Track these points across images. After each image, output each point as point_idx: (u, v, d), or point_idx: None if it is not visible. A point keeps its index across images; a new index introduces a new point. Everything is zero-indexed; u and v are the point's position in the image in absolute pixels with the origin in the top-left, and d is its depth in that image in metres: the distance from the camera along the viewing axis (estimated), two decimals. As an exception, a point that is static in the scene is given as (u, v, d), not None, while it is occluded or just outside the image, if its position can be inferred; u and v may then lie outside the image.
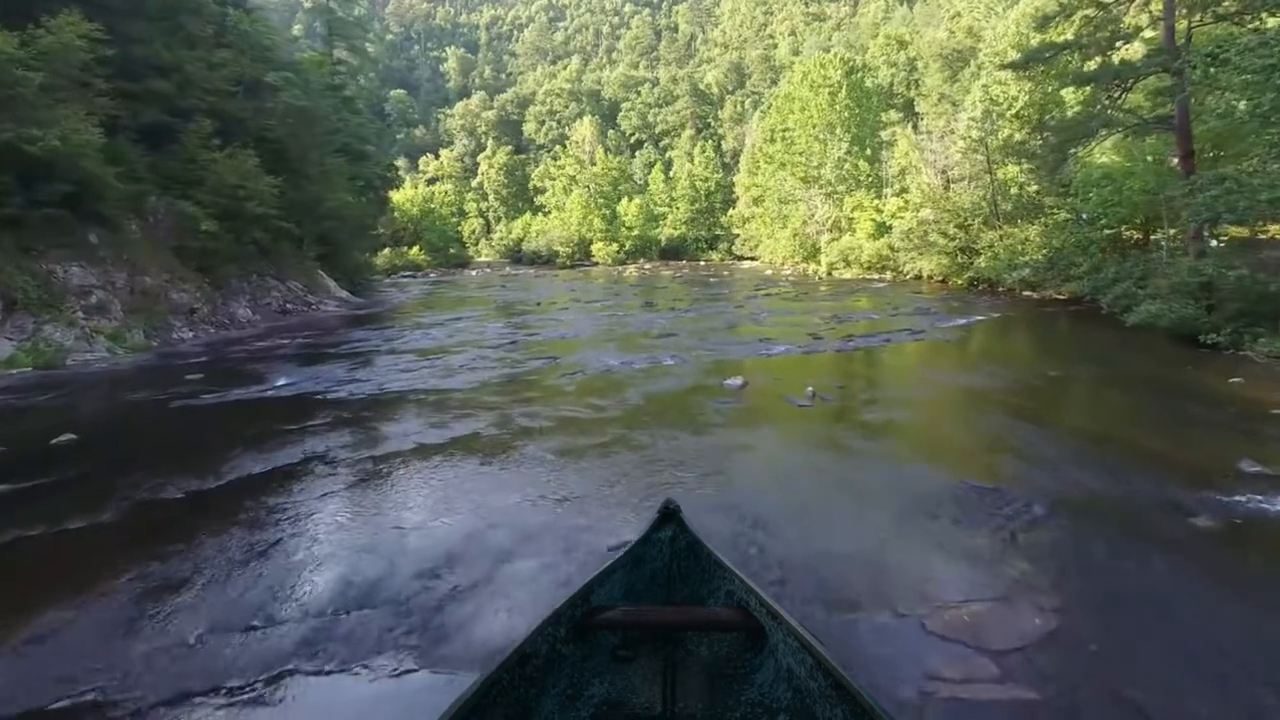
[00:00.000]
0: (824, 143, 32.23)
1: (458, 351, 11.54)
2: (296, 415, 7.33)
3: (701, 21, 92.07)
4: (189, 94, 16.04)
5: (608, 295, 23.60)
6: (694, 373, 9.23)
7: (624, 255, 49.41)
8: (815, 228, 32.80)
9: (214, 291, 15.25)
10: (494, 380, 8.99)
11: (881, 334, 12.31)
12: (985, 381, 8.46)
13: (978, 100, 20.61)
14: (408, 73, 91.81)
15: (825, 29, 74.85)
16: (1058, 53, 12.04)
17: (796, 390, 7.96)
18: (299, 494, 4.99)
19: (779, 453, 5.99)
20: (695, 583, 2.46)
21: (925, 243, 24.36)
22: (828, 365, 10.03)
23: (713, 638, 2.24)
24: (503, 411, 7.31)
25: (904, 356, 10.81)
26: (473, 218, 66.49)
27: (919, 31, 52.42)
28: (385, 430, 6.70)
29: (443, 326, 15.22)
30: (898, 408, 7.34)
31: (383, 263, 38.99)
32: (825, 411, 7.15)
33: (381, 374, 9.61)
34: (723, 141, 64.88)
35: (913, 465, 5.44)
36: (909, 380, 8.90)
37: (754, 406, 7.43)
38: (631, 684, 2.09)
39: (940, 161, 26.29)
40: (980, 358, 10.46)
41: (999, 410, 7.16)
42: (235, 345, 13.00)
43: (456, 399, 7.99)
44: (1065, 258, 16.58)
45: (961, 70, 34.22)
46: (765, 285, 25.81)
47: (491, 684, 1.69)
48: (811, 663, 1.76)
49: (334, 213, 19.93)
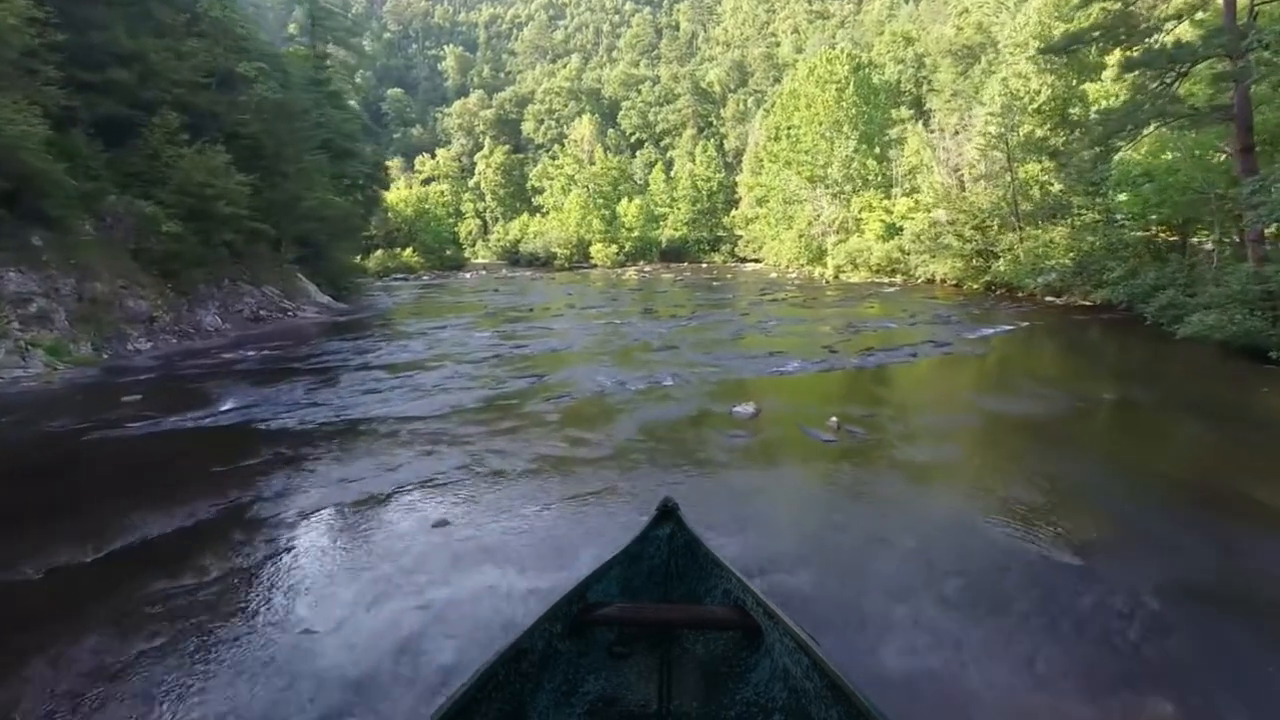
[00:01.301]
0: (831, 141, 31.08)
1: (435, 367, 10.40)
2: (228, 452, 6.19)
3: (703, 19, 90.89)
4: (153, 85, 14.91)
5: (605, 300, 22.45)
6: (698, 395, 8.08)
7: (623, 257, 48.17)
8: (821, 229, 31.66)
9: (178, 298, 14.12)
10: (469, 405, 7.85)
11: (903, 347, 11.17)
12: (1034, 408, 7.31)
13: (996, 94, 19.45)
14: (405, 71, 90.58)
15: (829, 27, 73.69)
16: (1102, 34, 10.86)
17: (817, 419, 6.82)
18: (192, 575, 3.84)
19: (802, 510, 4.86)
20: (692, 581, 2.43)
21: (938, 245, 23.27)
22: (849, 386, 8.88)
23: (709, 636, 2.21)
24: (472, 448, 6.17)
25: (933, 375, 9.66)
26: (470, 218, 65.27)
27: (925, 29, 51.32)
28: (326, 474, 5.56)
29: (425, 336, 14.08)
30: (939, 444, 6.19)
31: (375, 265, 37.89)
32: (854, 449, 6.00)
33: (344, 395, 8.48)
34: (725, 141, 63.62)
35: (972, 529, 4.30)
36: (945, 405, 7.75)
37: (769, 441, 6.29)
38: (627, 681, 2.07)
39: (953, 160, 25.18)
40: (1021, 376, 9.31)
41: (1059, 448, 6.02)
42: (195, 358, 11.87)
43: (422, 430, 6.85)
44: (1095, 262, 15.43)
45: (972, 67, 33.04)
46: (770, 289, 24.66)
47: (486, 679, 1.66)
48: (808, 663, 1.73)
49: (314, 213, 18.76)
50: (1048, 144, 19.35)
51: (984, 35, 38.52)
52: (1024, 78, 19.49)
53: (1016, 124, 18.70)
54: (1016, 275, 18.84)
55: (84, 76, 13.47)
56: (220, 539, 4.34)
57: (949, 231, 22.26)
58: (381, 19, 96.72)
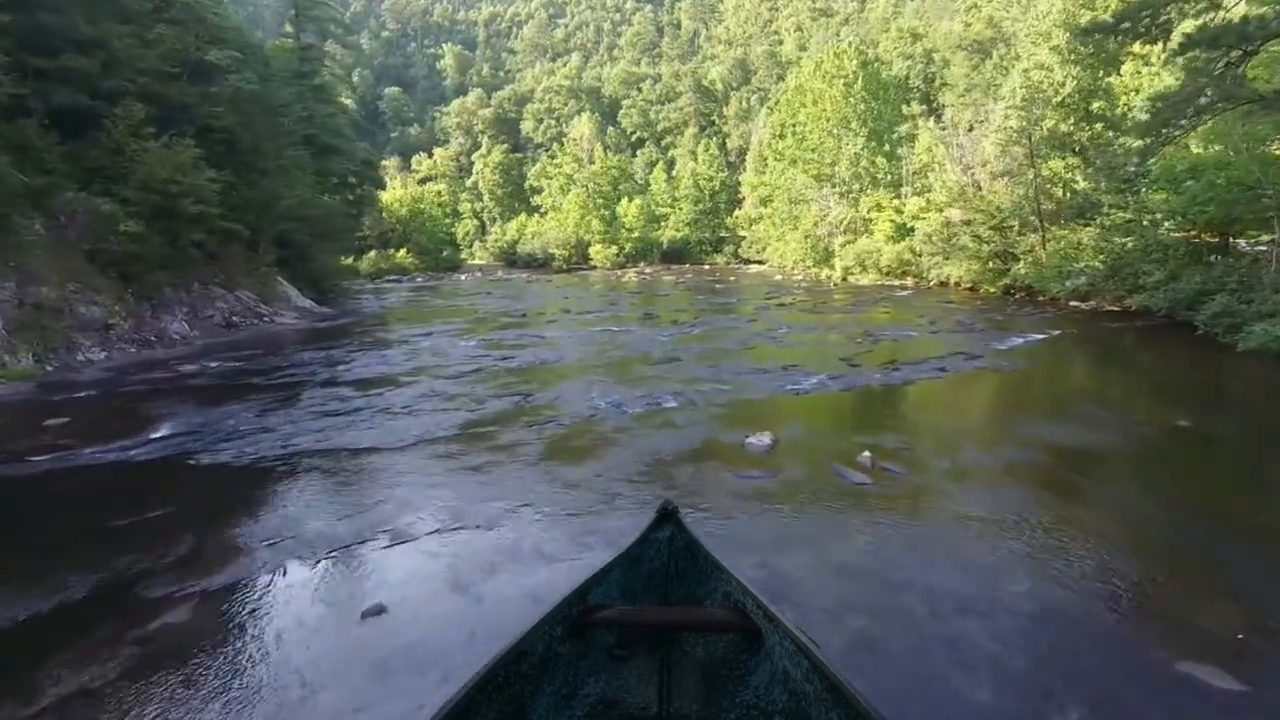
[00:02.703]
0: (838, 138, 29.96)
1: (409, 382, 9.32)
2: (138, 499, 5.12)
3: (705, 17, 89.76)
4: (116, 74, 13.83)
5: (603, 304, 21.36)
6: (705, 421, 7.00)
7: (623, 258, 46.98)
8: (828, 229, 30.54)
9: (139, 303, 13.04)
10: (439, 433, 6.76)
11: (929, 359, 10.08)
12: (1097, 438, 6.21)
13: (1018, 87, 18.33)
14: (404, 70, 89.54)
15: (833, 24, 72.58)
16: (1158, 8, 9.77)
17: (847, 453, 5.74)
18: (36, 688, 2.76)
19: (844, 588, 3.75)
20: (692, 583, 2.39)
21: (953, 246, 22.19)
22: (876, 408, 7.79)
23: (709, 638, 2.16)
24: (432, 495, 5.08)
25: (970, 394, 8.57)
26: (467, 219, 64.20)
27: (931, 25, 50.27)
28: (244, 534, 4.47)
29: (406, 345, 13.00)
30: (998, 487, 5.10)
31: (368, 266, 36.85)
32: (895, 494, 4.92)
33: (298, 419, 7.40)
34: (727, 139, 62.44)
35: (1071, 620, 3.21)
36: (992, 434, 6.65)
37: (792, 485, 5.20)
38: (627, 683, 2.03)
39: (967, 157, 24.08)
40: (1071, 396, 8.21)
41: (1150, 495, 4.93)
42: (150, 370, 10.80)
43: (376, 469, 5.77)
44: (1129, 264, 14.32)
45: (984, 62, 31.93)
46: (776, 292, 23.56)
47: (485, 681, 1.63)
48: (808, 665, 1.69)
49: (294, 212, 17.67)
50: (1072, 139, 18.28)
51: (995, 30, 37.50)
52: (1046, 69, 18.38)
53: (1039, 118, 17.58)
54: (1039, 278, 17.73)
55: (36, 63, 12.41)
56: (75, 637, 3.26)
57: (965, 232, 21.17)
58: (380, 17, 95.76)
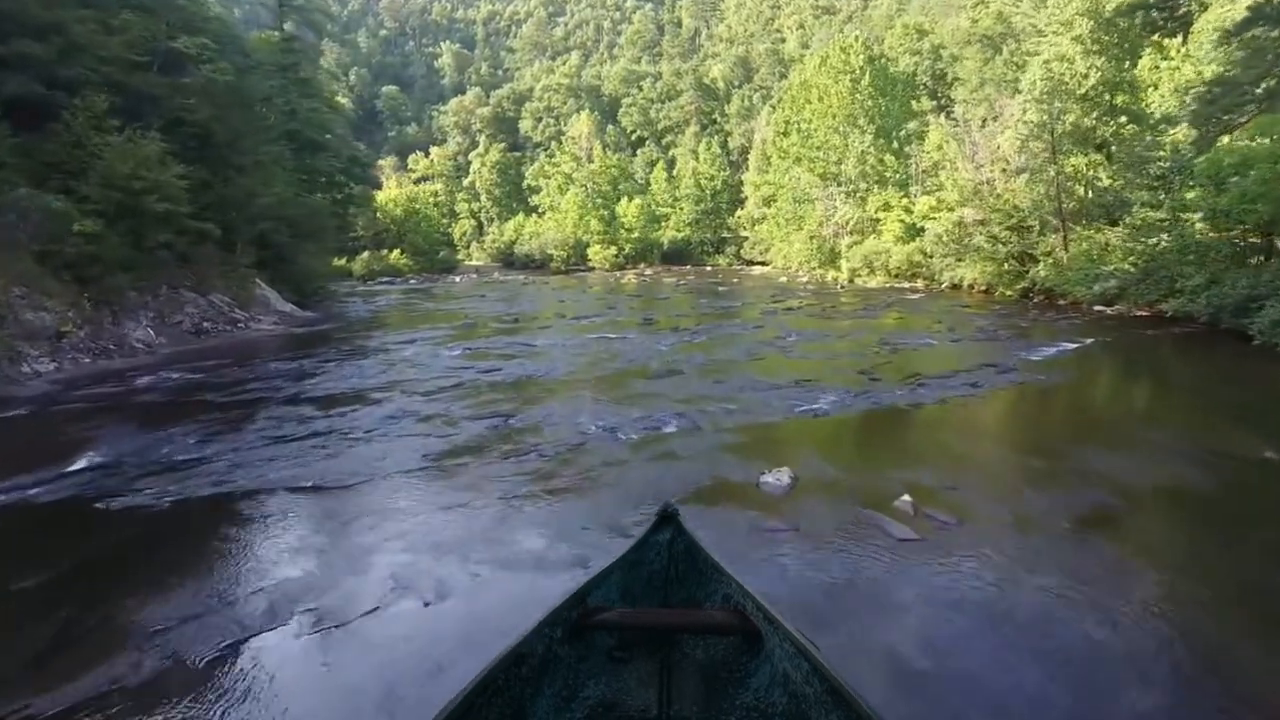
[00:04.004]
0: (845, 135, 28.98)
1: (380, 400, 8.35)
2: (20, 554, 4.16)
3: (706, 16, 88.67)
4: (76, 61, 12.88)
5: (601, 308, 20.38)
6: (711, 451, 6.02)
7: (623, 259, 45.88)
8: (834, 229, 29.57)
9: (97, 309, 12.07)
10: (400, 467, 5.77)
11: (957, 373, 9.09)
12: (1178, 475, 5.23)
13: (1038, 79, 17.35)
14: (401, 69, 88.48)
15: (836, 22, 71.55)
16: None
17: (881, 495, 4.77)
18: None
19: (892, 683, 2.78)
20: (692, 585, 2.37)
21: (966, 247, 21.23)
22: (908, 434, 6.80)
23: (709, 641, 2.15)
24: (380, 554, 4.10)
25: (1012, 416, 7.58)
26: (464, 219, 63.19)
27: (937, 21, 49.27)
28: (143, 607, 3.50)
29: (385, 354, 12.04)
30: (1072, 543, 4.12)
31: (360, 267, 35.88)
32: (947, 552, 3.95)
33: (245, 446, 6.42)
34: (729, 138, 61.29)
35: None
36: (1051, 469, 5.65)
37: (819, 539, 4.21)
38: (627, 686, 2.02)
39: (981, 154, 23.10)
40: (1130, 420, 7.23)
41: (1260, 553, 3.96)
42: (101, 383, 9.84)
43: (317, 516, 4.80)
44: (1164, 267, 13.35)
45: (995, 57, 30.93)
46: (782, 295, 22.57)
47: (486, 684, 1.62)
48: (808, 668, 1.68)
49: (274, 210, 16.70)
50: (1095, 134, 17.30)
51: (1004, 25, 36.52)
52: (1067, 60, 17.40)
53: (1062, 111, 16.59)
54: (1061, 281, 16.75)
55: (-17, 49, 11.48)
56: None
57: (979, 232, 20.20)
58: (378, 15, 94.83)
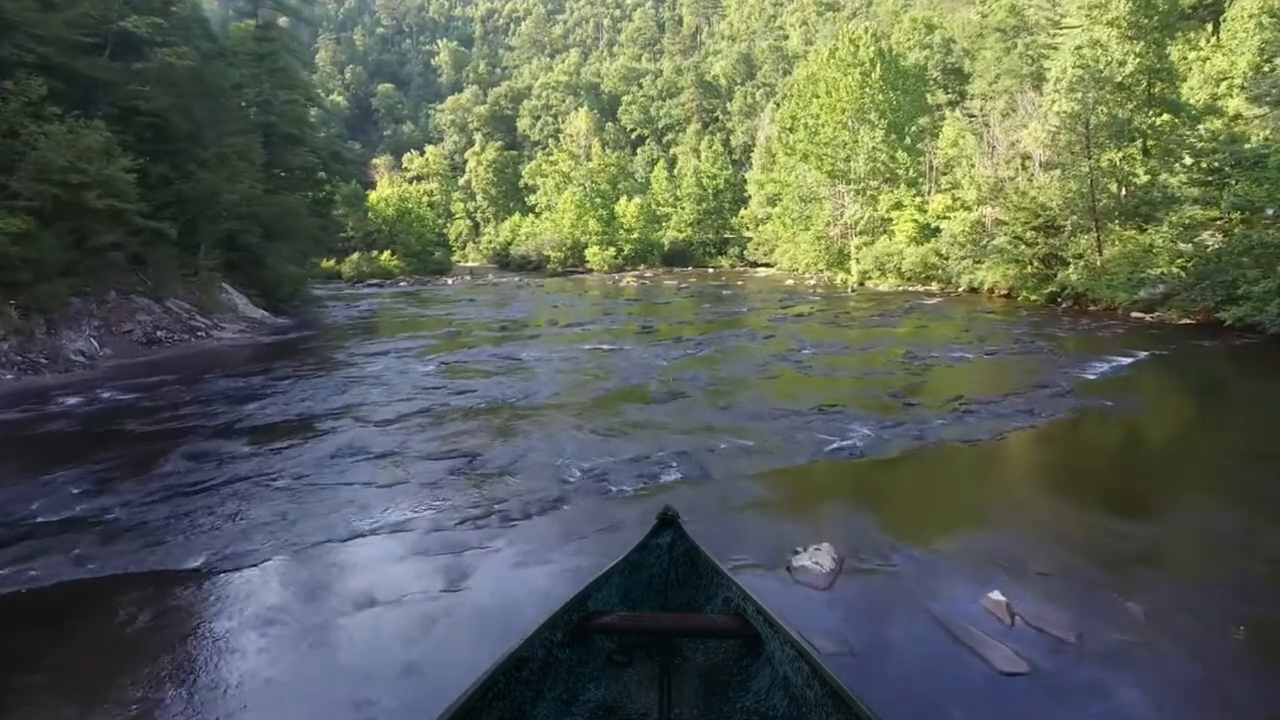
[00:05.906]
0: (854, 131, 27.64)
1: (328, 431, 7.02)
2: None
3: (707, 12, 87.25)
4: (6, 40, 11.57)
5: (597, 315, 19.04)
6: (725, 512, 4.68)
7: (622, 261, 44.42)
8: (843, 229, 28.23)
9: (26, 318, 10.75)
10: (327, 534, 4.41)
11: (1006, 396, 7.74)
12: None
13: (1069, 66, 16.01)
14: (398, 67, 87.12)
15: (839, 19, 70.19)
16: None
17: (960, 588, 3.43)
18: None
19: None
20: (692, 589, 2.38)
21: (985, 248, 19.94)
22: (970, 486, 5.42)
23: (709, 644, 2.14)
24: (270, 678, 2.76)
25: (1091, 457, 6.18)
26: (460, 219, 61.83)
27: (945, 16, 47.96)
28: None
29: (351, 369, 10.71)
30: (1255, 659, 2.78)
31: (349, 270, 34.60)
32: (1081, 692, 2.61)
33: (135, 502, 5.07)
34: (731, 136, 59.98)
35: None
36: (1171, 541, 4.30)
37: (889, 674, 2.85)
38: (627, 690, 2.01)
39: (1002, 150, 21.79)
40: (1246, 462, 5.81)
41: None
42: (16, 405, 8.51)
43: (201, 615, 3.46)
44: (1221, 270, 12.02)
45: (1012, 49, 29.60)
46: (791, 300, 21.22)
47: (487, 688, 1.62)
48: (808, 671, 1.68)
49: (240, 208, 15.38)
50: (1132, 126, 15.97)
51: (1017, 18, 35.24)
52: (1102, 46, 16.07)
53: (1099, 100, 15.24)
54: (1096, 286, 15.42)
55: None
56: None
57: (1001, 233, 18.89)
58: (374, 13, 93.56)
